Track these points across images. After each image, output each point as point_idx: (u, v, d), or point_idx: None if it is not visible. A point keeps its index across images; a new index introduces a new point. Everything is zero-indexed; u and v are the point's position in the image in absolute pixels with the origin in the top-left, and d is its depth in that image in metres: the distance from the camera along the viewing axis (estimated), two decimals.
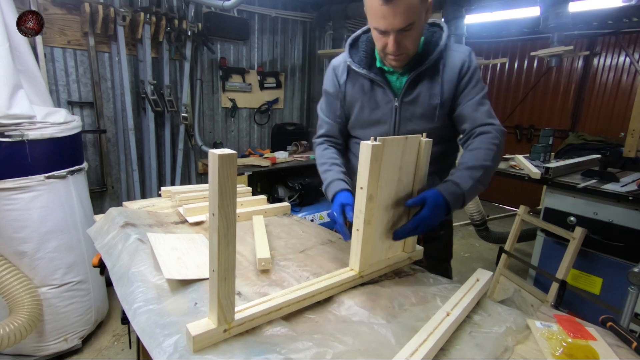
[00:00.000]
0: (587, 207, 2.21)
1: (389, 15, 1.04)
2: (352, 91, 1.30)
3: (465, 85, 1.21)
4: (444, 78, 1.20)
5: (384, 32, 1.09)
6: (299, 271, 1.07)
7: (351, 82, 1.30)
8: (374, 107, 1.27)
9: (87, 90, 2.83)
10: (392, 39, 1.08)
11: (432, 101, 1.21)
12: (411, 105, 1.23)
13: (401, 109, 1.24)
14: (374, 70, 1.25)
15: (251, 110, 3.87)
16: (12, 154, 1.83)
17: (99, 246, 1.22)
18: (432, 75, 1.21)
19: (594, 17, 4.19)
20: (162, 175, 3.28)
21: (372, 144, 0.88)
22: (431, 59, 1.18)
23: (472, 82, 1.22)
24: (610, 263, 2.15)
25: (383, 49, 1.13)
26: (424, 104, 1.22)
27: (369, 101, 1.27)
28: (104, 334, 2.39)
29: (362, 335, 0.80)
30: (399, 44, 1.10)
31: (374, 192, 0.93)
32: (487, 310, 0.94)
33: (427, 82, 1.21)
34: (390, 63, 1.19)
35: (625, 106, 4.40)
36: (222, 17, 3.29)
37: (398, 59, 1.15)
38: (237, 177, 3.14)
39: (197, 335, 0.70)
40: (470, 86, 1.21)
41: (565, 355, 0.79)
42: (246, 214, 1.47)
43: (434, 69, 1.21)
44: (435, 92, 1.21)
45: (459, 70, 1.20)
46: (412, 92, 1.22)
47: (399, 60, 1.16)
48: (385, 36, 1.10)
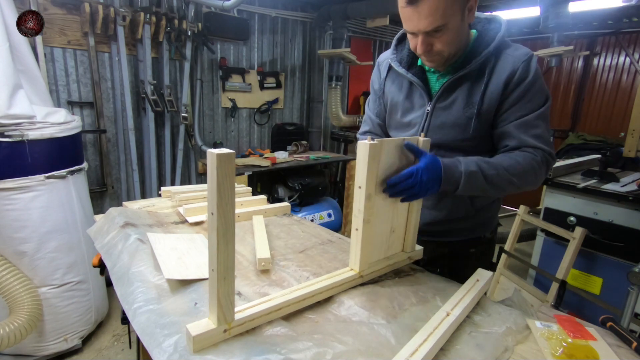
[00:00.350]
0: (587, 207, 2.21)
1: (413, 17, 0.97)
2: (391, 89, 1.23)
3: (516, 100, 1.04)
4: (488, 86, 1.05)
5: (413, 33, 1.02)
6: (298, 271, 1.07)
7: (390, 80, 1.23)
8: (408, 108, 1.19)
9: (87, 90, 2.83)
10: (420, 41, 1.01)
11: (468, 111, 1.07)
12: (444, 112, 1.11)
13: (432, 115, 1.13)
14: (414, 70, 1.16)
15: (251, 110, 3.87)
16: (12, 154, 1.83)
17: (99, 246, 1.23)
18: (475, 81, 1.07)
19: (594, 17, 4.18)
20: (162, 175, 3.27)
21: (369, 143, 0.88)
22: (475, 62, 1.04)
23: (525, 97, 1.03)
24: (610, 263, 2.15)
25: (415, 49, 1.06)
26: (458, 113, 1.09)
27: (404, 102, 1.19)
28: (104, 334, 2.39)
29: (362, 335, 0.80)
30: (430, 46, 1.02)
31: (372, 191, 0.93)
32: (487, 310, 0.94)
33: (466, 88, 1.08)
34: (426, 64, 1.11)
35: (625, 106, 4.40)
36: (222, 17, 3.29)
37: (432, 59, 1.07)
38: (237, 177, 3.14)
39: (197, 335, 0.70)
40: (524, 101, 1.03)
41: (565, 355, 0.79)
42: (246, 214, 1.47)
43: (478, 74, 1.06)
44: (474, 100, 1.06)
45: (506, 78, 1.03)
46: (447, 98, 1.11)
47: (433, 61, 1.08)
48: (415, 37, 1.03)
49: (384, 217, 1.02)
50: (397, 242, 1.11)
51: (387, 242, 1.07)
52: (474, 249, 1.28)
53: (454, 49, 1.05)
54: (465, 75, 1.07)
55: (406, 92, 1.19)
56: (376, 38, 4.65)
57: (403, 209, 1.07)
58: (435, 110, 1.13)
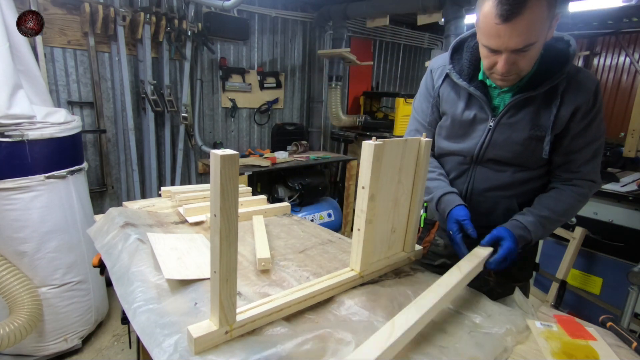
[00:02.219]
0: (587, 207, 2.20)
1: (504, 35, 0.90)
2: (446, 99, 1.18)
3: (587, 126, 1.03)
4: (560, 109, 1.02)
5: (495, 51, 0.95)
6: (299, 271, 1.07)
7: (447, 89, 1.18)
8: (465, 122, 1.15)
9: (87, 90, 2.82)
10: (504, 59, 0.94)
11: (535, 133, 1.05)
12: (508, 129, 1.08)
13: (495, 131, 1.10)
14: (475, 83, 1.11)
15: (251, 110, 3.87)
16: (12, 154, 1.83)
17: (99, 246, 1.22)
18: (543, 102, 1.04)
19: (594, 17, 4.19)
20: (162, 175, 3.27)
21: (374, 143, 0.88)
22: (549, 84, 1.01)
23: (594, 124, 1.04)
24: (610, 263, 2.15)
25: (490, 67, 1.00)
26: (524, 133, 1.06)
27: (462, 115, 1.15)
28: (104, 334, 2.39)
29: (361, 334, 0.80)
30: (512, 65, 0.96)
31: (375, 191, 0.93)
32: (487, 310, 0.94)
33: (534, 108, 1.05)
34: (496, 83, 1.05)
35: (625, 106, 4.41)
36: (222, 17, 3.29)
37: (506, 79, 1.01)
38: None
39: (199, 337, 0.70)
40: (593, 128, 1.04)
41: (565, 355, 0.79)
42: (246, 214, 1.47)
43: (547, 95, 1.03)
44: (542, 123, 1.04)
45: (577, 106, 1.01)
46: (513, 115, 1.07)
47: (507, 80, 1.01)
48: (496, 55, 0.96)
49: (385, 217, 1.02)
50: (397, 242, 1.11)
51: (388, 242, 1.07)
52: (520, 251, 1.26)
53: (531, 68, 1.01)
54: (535, 96, 1.04)
55: (464, 105, 1.14)
56: (376, 38, 4.65)
57: (404, 209, 1.07)
58: (499, 126, 1.10)
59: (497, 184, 1.17)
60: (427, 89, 1.25)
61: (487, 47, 0.96)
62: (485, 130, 1.12)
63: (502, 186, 1.16)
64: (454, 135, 1.20)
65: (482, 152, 1.14)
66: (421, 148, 1.04)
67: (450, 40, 3.07)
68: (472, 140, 1.15)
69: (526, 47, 0.92)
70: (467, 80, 1.12)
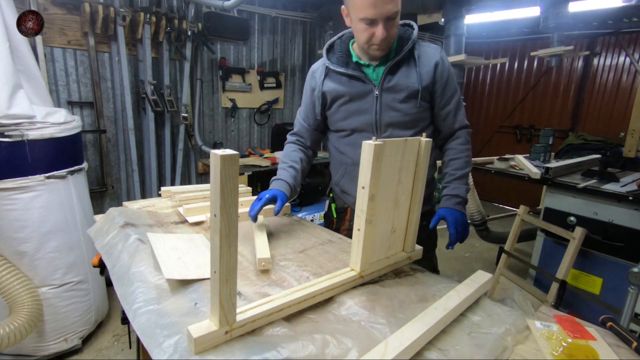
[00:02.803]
0: (587, 207, 2.21)
1: (379, 3, 1.14)
2: (332, 87, 1.36)
3: (444, 86, 1.32)
4: (420, 68, 1.29)
5: (372, 21, 1.17)
6: (299, 271, 1.07)
7: (330, 81, 1.37)
8: (355, 98, 1.34)
9: (87, 90, 2.82)
10: (382, 27, 1.17)
11: (412, 87, 1.29)
12: (391, 92, 1.31)
13: (382, 97, 1.32)
14: (351, 66, 1.33)
15: (251, 110, 3.87)
16: (12, 154, 1.83)
17: (99, 246, 1.22)
18: (408, 65, 1.31)
19: (594, 17, 4.19)
20: (162, 175, 3.27)
21: (374, 143, 0.88)
22: (406, 49, 1.29)
23: (450, 84, 1.33)
24: (610, 263, 2.15)
25: (369, 40, 1.22)
26: (403, 90, 1.30)
27: (350, 93, 1.34)
28: (104, 334, 2.39)
29: (361, 334, 0.80)
30: (387, 32, 1.19)
31: (376, 191, 0.93)
32: (487, 310, 0.94)
33: (404, 71, 1.30)
34: (374, 53, 1.27)
35: (625, 106, 4.40)
36: (222, 17, 3.29)
37: (382, 47, 1.24)
38: None
39: (199, 337, 0.70)
40: (449, 88, 1.34)
41: (565, 355, 0.79)
42: (246, 214, 1.47)
43: (409, 60, 1.31)
44: (413, 80, 1.29)
45: (434, 65, 1.30)
46: (390, 80, 1.30)
47: (382, 49, 1.25)
48: (373, 26, 1.18)
49: (385, 217, 1.02)
50: (397, 242, 1.11)
51: (388, 242, 1.07)
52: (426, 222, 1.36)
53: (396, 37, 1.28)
54: (400, 61, 1.30)
55: (348, 86, 1.34)
56: None
57: (404, 209, 1.07)
58: (384, 92, 1.31)
59: None
60: (311, 89, 1.43)
61: (365, 20, 1.18)
62: (374, 99, 1.32)
63: None
64: (350, 113, 1.37)
65: (379, 117, 1.33)
66: (421, 148, 1.04)
67: (451, 40, 3.08)
68: (367, 112, 1.34)
69: (394, 14, 1.18)
70: (344, 66, 1.33)
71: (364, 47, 1.27)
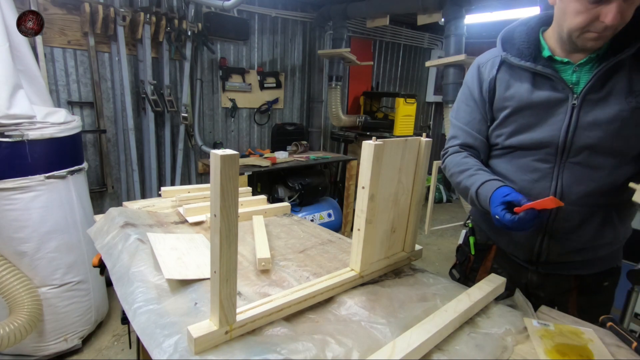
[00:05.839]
0: None
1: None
2: (504, 89, 1.02)
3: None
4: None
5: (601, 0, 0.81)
6: (299, 271, 1.07)
7: (503, 79, 1.03)
8: (536, 106, 0.97)
9: (87, 90, 2.82)
10: (616, 6, 0.80)
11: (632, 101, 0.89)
12: (597, 106, 0.91)
13: (581, 111, 0.93)
14: (541, 62, 0.97)
15: (251, 110, 3.87)
16: (12, 154, 1.83)
17: (99, 246, 1.23)
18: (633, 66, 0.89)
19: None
20: (162, 175, 3.27)
21: (374, 143, 0.88)
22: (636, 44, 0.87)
23: None
24: None
25: (587, 24, 0.85)
26: (618, 105, 0.89)
27: (530, 97, 0.98)
28: (104, 334, 2.39)
29: (362, 335, 0.80)
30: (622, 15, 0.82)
31: (375, 191, 0.93)
32: (487, 311, 0.94)
33: (624, 76, 0.89)
34: (586, 44, 0.90)
35: None
36: (222, 17, 3.29)
37: (604, 36, 0.86)
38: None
39: (199, 337, 0.70)
40: None
41: (558, 354, 0.79)
42: (246, 214, 1.47)
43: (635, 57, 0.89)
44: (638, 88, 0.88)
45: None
46: (601, 89, 0.91)
47: (603, 38, 0.87)
48: (602, 4, 0.82)
49: (385, 217, 1.02)
50: (397, 242, 1.11)
51: (388, 242, 1.07)
52: (608, 282, 1.09)
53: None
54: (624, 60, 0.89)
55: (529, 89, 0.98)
56: (376, 38, 4.65)
57: (404, 208, 1.07)
58: (585, 104, 0.92)
59: (594, 185, 0.95)
60: (472, 89, 1.10)
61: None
62: (568, 112, 0.94)
63: (599, 189, 0.96)
64: (525, 126, 0.99)
65: (570, 138, 0.94)
66: (421, 148, 1.04)
67: (451, 40, 3.08)
68: (552, 125, 0.96)
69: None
70: (531, 60, 0.97)
71: (573, 34, 0.89)
